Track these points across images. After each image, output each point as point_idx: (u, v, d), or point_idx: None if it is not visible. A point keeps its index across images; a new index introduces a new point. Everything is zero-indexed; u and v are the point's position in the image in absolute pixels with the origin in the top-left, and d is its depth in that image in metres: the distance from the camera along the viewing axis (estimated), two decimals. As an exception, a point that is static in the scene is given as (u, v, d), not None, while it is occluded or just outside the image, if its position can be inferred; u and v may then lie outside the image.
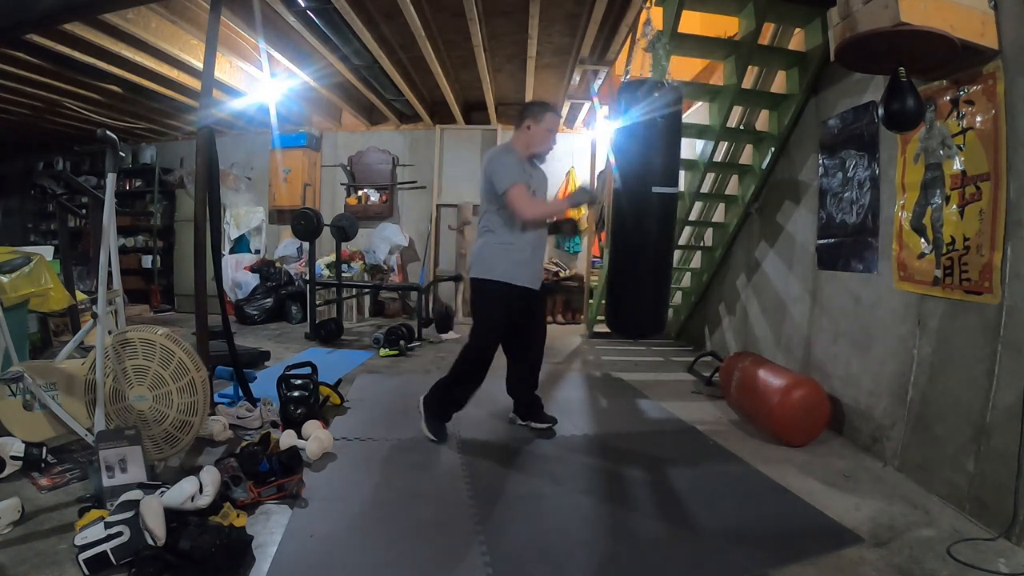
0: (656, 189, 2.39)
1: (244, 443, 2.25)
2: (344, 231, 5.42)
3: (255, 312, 5.81)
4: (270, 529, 1.74)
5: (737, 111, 3.60)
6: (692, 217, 4.11)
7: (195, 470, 1.84)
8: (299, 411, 2.54)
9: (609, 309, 2.67)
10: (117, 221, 2.18)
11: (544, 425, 2.69)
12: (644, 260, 2.49)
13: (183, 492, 1.64)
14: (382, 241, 6.35)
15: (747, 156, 3.79)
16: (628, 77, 2.69)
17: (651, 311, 2.55)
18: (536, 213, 2.39)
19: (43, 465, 2.07)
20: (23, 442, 2.07)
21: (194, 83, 4.69)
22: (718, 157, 3.75)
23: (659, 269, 2.55)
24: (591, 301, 5.39)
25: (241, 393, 2.84)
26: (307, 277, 5.31)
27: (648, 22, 2.59)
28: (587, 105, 5.74)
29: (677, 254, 4.58)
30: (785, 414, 2.54)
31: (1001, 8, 1.85)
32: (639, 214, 2.44)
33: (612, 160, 2.65)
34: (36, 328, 3.75)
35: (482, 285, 2.43)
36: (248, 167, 6.80)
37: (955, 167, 2.03)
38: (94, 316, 2.02)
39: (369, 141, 6.70)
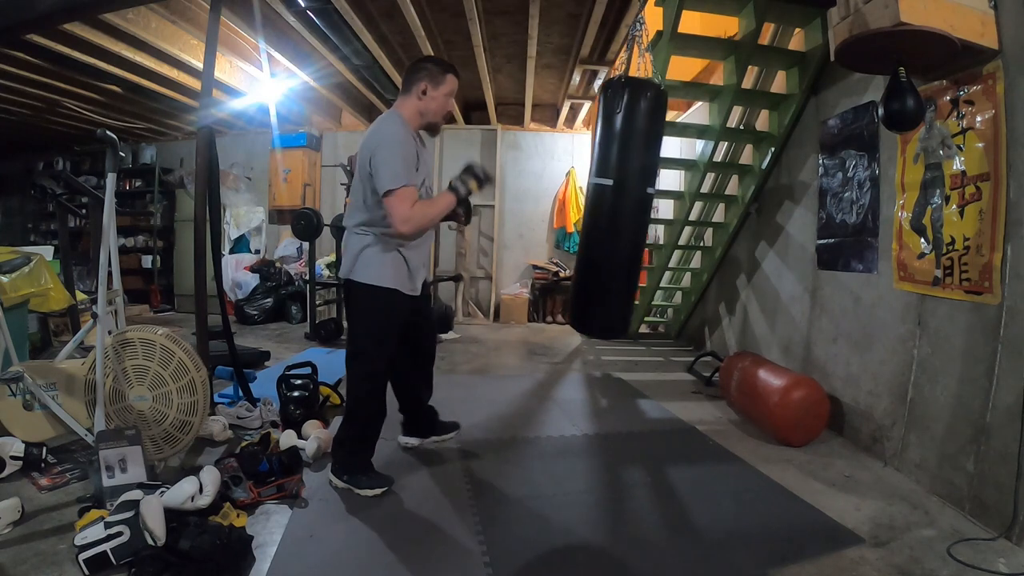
0: (593, 180, 2.55)
1: (244, 443, 2.26)
2: (344, 231, 5.41)
3: (255, 312, 5.81)
4: (270, 529, 1.74)
5: (737, 111, 3.60)
6: (692, 217, 4.10)
7: (195, 470, 1.84)
8: (299, 411, 2.54)
9: (574, 307, 2.77)
10: (117, 221, 2.18)
11: (449, 435, 2.44)
12: (605, 257, 2.60)
13: (183, 492, 1.64)
14: (382, 241, 6.34)
15: (747, 156, 3.79)
16: (608, 76, 2.81)
17: (615, 311, 2.65)
18: (417, 227, 1.87)
19: (43, 465, 2.07)
20: (23, 442, 2.08)
21: (194, 83, 4.69)
22: (718, 157, 3.75)
23: (626, 266, 2.64)
24: (591, 301, 5.38)
25: (241, 393, 2.84)
26: (307, 277, 5.31)
27: (636, 21, 2.59)
28: (587, 105, 5.74)
29: (677, 254, 4.58)
30: (785, 414, 2.54)
31: (1001, 8, 1.85)
32: (600, 210, 2.57)
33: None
34: (36, 328, 3.75)
35: (367, 292, 1.93)
36: (248, 167, 6.80)
37: (955, 167, 2.03)
38: (94, 316, 2.02)
39: (369, 141, 6.69)
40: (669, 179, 4.94)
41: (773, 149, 3.36)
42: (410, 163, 1.86)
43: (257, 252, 6.77)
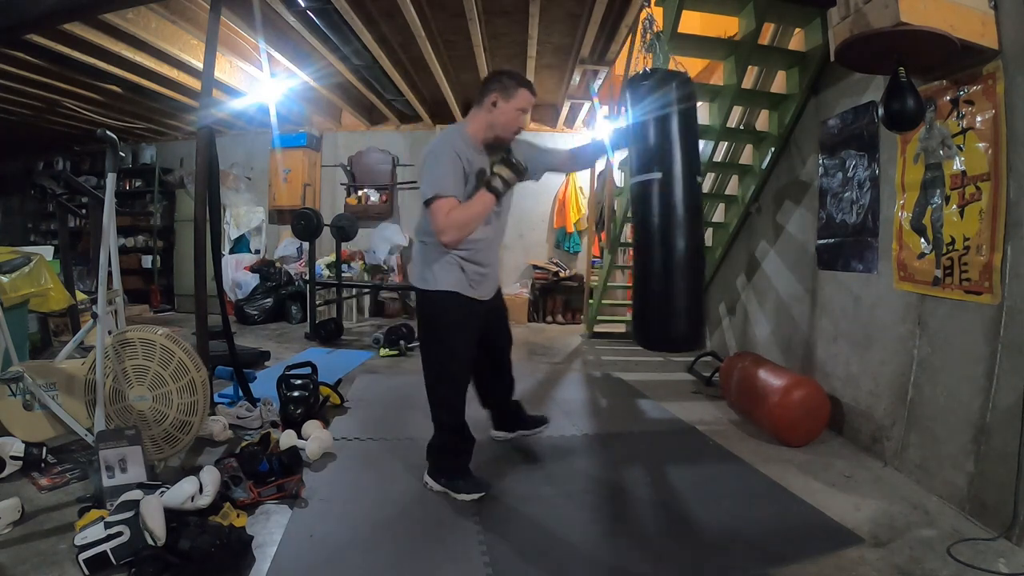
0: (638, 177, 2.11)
1: (244, 443, 2.26)
2: (344, 231, 5.42)
3: (255, 312, 5.81)
4: (270, 529, 1.74)
5: (737, 111, 3.60)
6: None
7: (195, 470, 1.84)
8: (299, 411, 2.54)
9: (637, 321, 2.23)
10: (117, 221, 2.18)
11: (539, 428, 2.45)
12: (675, 258, 2.08)
13: (183, 492, 1.65)
14: (382, 241, 6.35)
15: (747, 156, 3.79)
16: (631, 71, 2.53)
17: (685, 319, 2.10)
18: (459, 233, 1.80)
19: (43, 465, 2.07)
20: (23, 442, 2.08)
21: (194, 83, 4.69)
22: (718, 157, 3.74)
23: (692, 268, 2.13)
24: (591, 301, 5.38)
25: (241, 393, 2.84)
26: (307, 277, 5.31)
27: (650, 19, 2.55)
28: (587, 105, 5.74)
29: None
30: (785, 414, 2.54)
31: (1001, 8, 1.85)
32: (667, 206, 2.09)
33: (612, 158, 2.56)
34: (36, 328, 3.75)
35: (430, 298, 1.95)
36: (248, 167, 6.80)
37: (955, 167, 2.03)
38: (94, 316, 2.02)
39: (369, 141, 6.70)
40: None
41: (773, 149, 3.36)
42: (451, 174, 1.81)
43: (257, 252, 6.78)
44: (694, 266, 2.14)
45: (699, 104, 3.74)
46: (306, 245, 5.43)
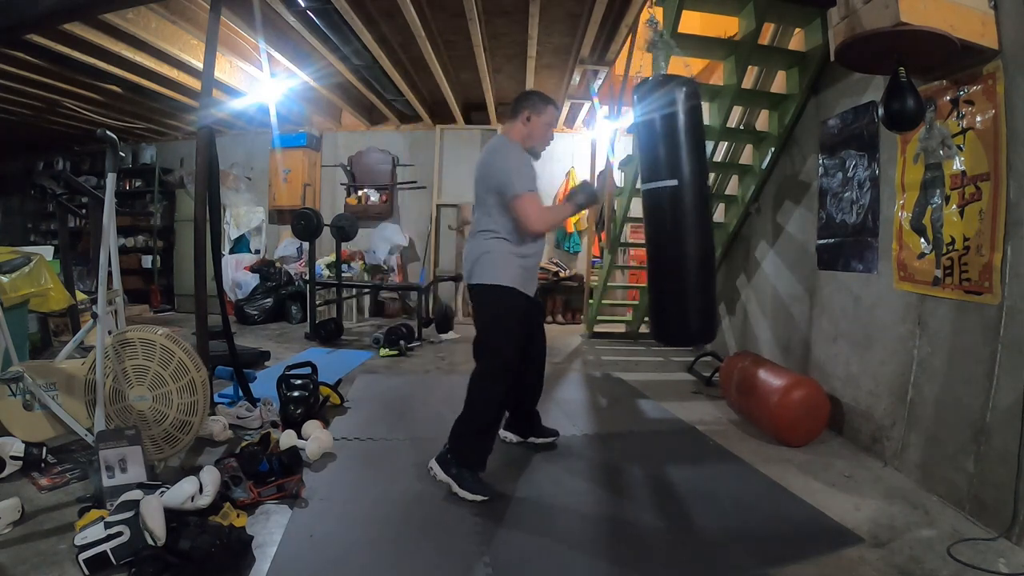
0: (647, 186, 2.29)
1: (244, 443, 2.26)
2: (344, 231, 5.42)
3: (255, 312, 5.81)
4: (270, 529, 1.74)
5: (737, 111, 3.60)
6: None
7: (195, 470, 1.84)
8: (299, 411, 2.54)
9: (655, 318, 2.41)
10: (117, 221, 2.18)
11: (548, 439, 2.53)
12: (687, 259, 2.25)
13: (183, 492, 1.64)
14: (382, 241, 6.35)
15: (747, 156, 3.79)
16: (630, 74, 2.60)
17: (698, 314, 2.28)
18: (546, 227, 2.11)
19: (43, 465, 2.07)
20: (23, 442, 2.08)
21: (194, 83, 4.69)
22: (718, 157, 3.75)
23: (703, 267, 2.29)
24: (591, 301, 5.39)
25: (241, 393, 2.84)
26: (307, 277, 5.31)
27: (652, 19, 2.55)
28: (587, 105, 5.74)
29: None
30: (785, 414, 2.54)
31: (1001, 8, 1.85)
32: (675, 211, 2.25)
33: (611, 159, 2.59)
34: (36, 328, 3.75)
35: (496, 292, 2.09)
36: (248, 167, 6.80)
37: (955, 167, 2.03)
38: (94, 316, 2.02)
39: (369, 141, 6.70)
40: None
41: (773, 149, 3.36)
42: (531, 174, 2.08)
43: (257, 252, 6.78)
44: (707, 265, 2.30)
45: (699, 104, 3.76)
46: (306, 245, 5.43)
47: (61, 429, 2.12)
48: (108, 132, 2.00)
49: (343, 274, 5.76)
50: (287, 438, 2.27)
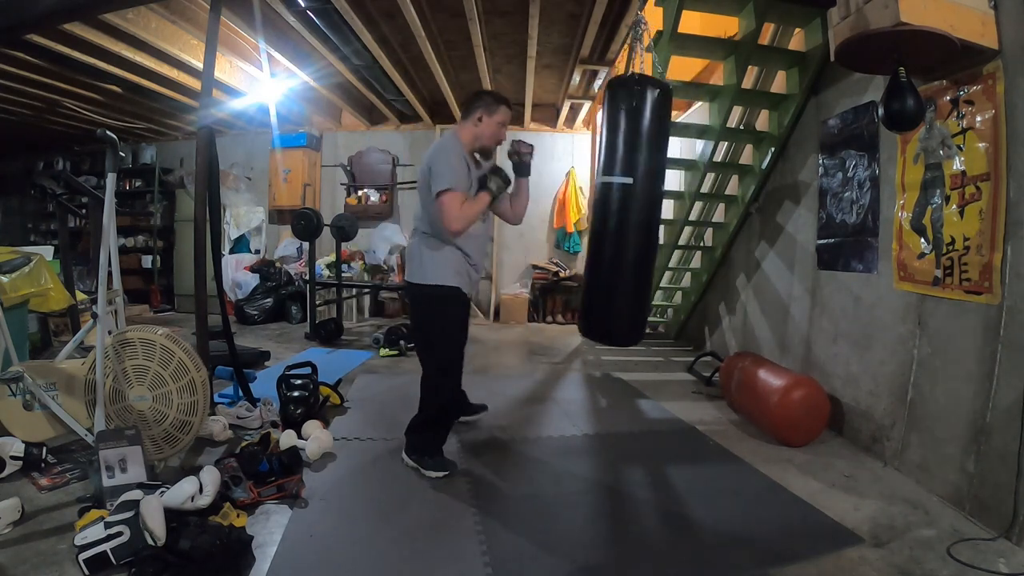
0: (605, 178, 2.44)
1: (244, 443, 2.26)
2: (344, 231, 5.42)
3: (255, 312, 5.81)
4: (270, 529, 1.74)
5: (737, 111, 3.60)
6: (692, 217, 4.10)
7: (195, 470, 1.84)
8: (299, 411, 2.54)
9: (582, 311, 2.63)
10: (117, 221, 2.18)
11: (475, 416, 2.75)
12: (621, 259, 2.45)
13: (183, 492, 1.65)
14: (382, 241, 6.35)
15: (747, 156, 3.79)
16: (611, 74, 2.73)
17: (627, 317, 2.50)
18: (464, 224, 2.06)
19: (43, 465, 2.07)
20: (23, 442, 2.08)
21: (194, 83, 4.69)
22: (718, 157, 3.74)
23: (638, 269, 2.50)
24: (591, 301, 5.38)
25: (241, 393, 2.84)
26: (307, 277, 5.31)
27: (637, 21, 2.58)
28: (587, 105, 5.74)
29: (677, 254, 4.58)
30: (785, 414, 2.54)
31: (1001, 8, 1.85)
32: (613, 207, 2.47)
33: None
34: (36, 328, 3.75)
35: (433, 291, 2.14)
36: (248, 167, 6.80)
37: (955, 167, 2.03)
38: (94, 316, 2.03)
39: (369, 141, 6.70)
40: (669, 179, 4.90)
41: (773, 149, 3.36)
42: (460, 172, 2.09)
43: (257, 252, 6.77)
44: (640, 269, 2.48)
45: (699, 104, 3.79)
46: (306, 245, 5.43)
47: (61, 429, 2.13)
48: (108, 132, 2.00)
49: (343, 274, 5.76)
50: (287, 438, 2.27)
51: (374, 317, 6.39)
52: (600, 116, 2.53)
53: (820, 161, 2.97)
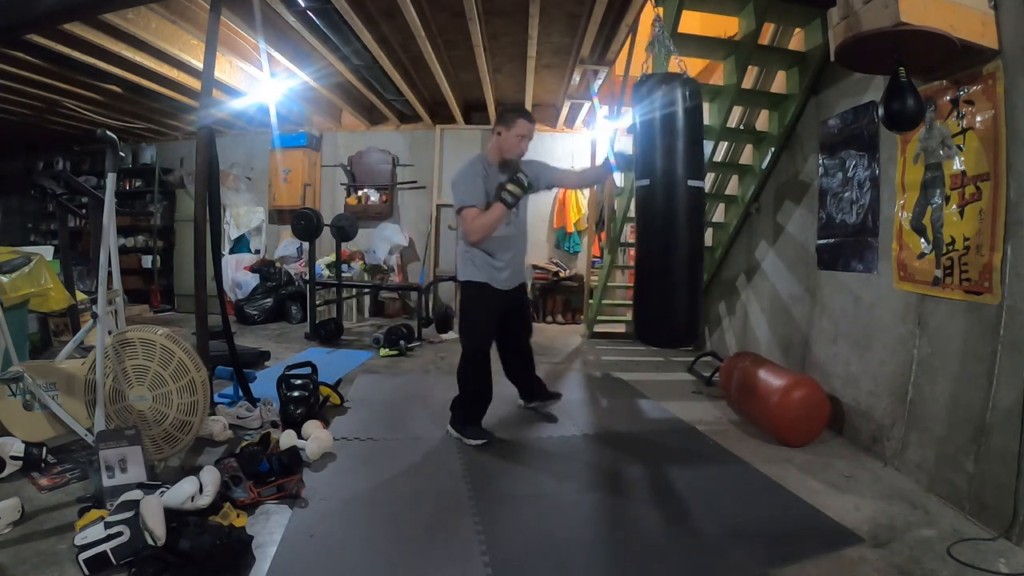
0: (691, 183, 2.15)
1: (244, 443, 2.26)
2: (344, 231, 5.42)
3: (255, 312, 5.81)
4: (270, 529, 1.74)
5: (737, 111, 3.60)
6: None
7: (195, 470, 1.84)
8: (299, 411, 2.54)
9: (638, 317, 2.35)
10: (117, 221, 2.18)
11: (549, 402, 2.95)
12: (677, 261, 2.18)
13: (183, 492, 1.65)
14: (382, 241, 6.35)
15: (747, 156, 3.79)
16: (630, 74, 2.62)
17: (685, 317, 2.23)
18: (482, 234, 2.36)
19: (43, 465, 2.07)
20: (23, 442, 2.08)
21: (194, 83, 4.69)
22: (718, 157, 3.75)
23: (692, 270, 2.24)
24: (591, 301, 5.38)
25: (241, 393, 2.84)
26: (307, 277, 5.31)
27: (658, 19, 2.53)
28: (587, 105, 5.74)
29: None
30: (785, 414, 2.54)
31: (1001, 8, 1.85)
32: (669, 211, 2.17)
33: (612, 159, 2.58)
34: (36, 328, 3.75)
35: (465, 286, 2.55)
36: (248, 167, 6.80)
37: (955, 167, 2.03)
38: (94, 316, 2.02)
39: (369, 141, 6.70)
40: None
41: (773, 149, 3.36)
42: (474, 189, 2.38)
43: (257, 252, 6.77)
44: (692, 268, 2.23)
45: (699, 104, 3.78)
46: (306, 245, 5.43)
47: (61, 429, 2.12)
48: (108, 132, 2.00)
49: (343, 274, 5.76)
50: (287, 438, 2.27)
51: (374, 317, 6.39)
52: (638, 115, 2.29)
53: (820, 161, 2.97)
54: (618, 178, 5.14)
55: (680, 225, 2.14)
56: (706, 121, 3.43)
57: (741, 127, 3.69)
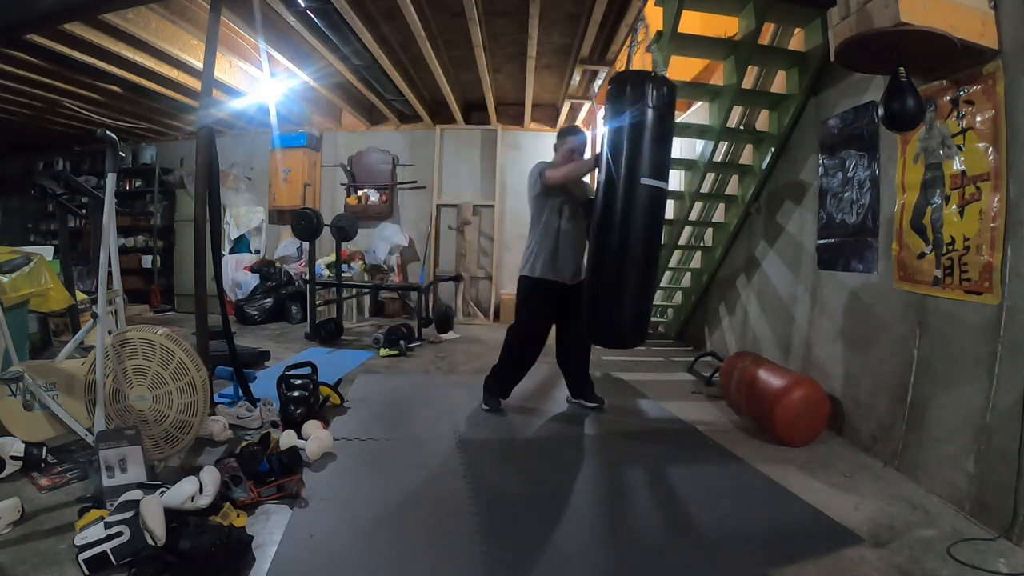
0: (644, 181, 2.36)
1: (244, 443, 2.26)
2: (344, 231, 5.42)
3: (255, 312, 5.81)
4: (270, 529, 1.74)
5: (737, 111, 3.60)
6: (692, 217, 4.10)
7: (195, 470, 1.84)
8: (299, 411, 2.54)
9: (587, 316, 2.54)
10: (117, 221, 2.18)
11: (592, 405, 3.04)
12: (629, 261, 2.39)
13: (183, 492, 1.64)
14: (382, 241, 6.35)
15: (747, 156, 3.79)
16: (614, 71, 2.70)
17: (633, 319, 2.45)
18: (560, 177, 2.73)
19: (43, 465, 2.07)
20: (23, 442, 2.07)
21: (194, 83, 4.69)
22: (718, 157, 3.75)
23: (645, 271, 2.46)
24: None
25: (241, 393, 2.84)
26: (307, 277, 5.31)
27: (639, 19, 2.58)
28: (587, 105, 5.74)
29: (677, 254, 4.58)
30: (785, 414, 2.53)
31: (1001, 8, 1.85)
32: (624, 209, 2.38)
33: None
34: (36, 328, 3.75)
35: (519, 280, 2.96)
36: (248, 167, 6.80)
37: (955, 167, 2.03)
38: (94, 316, 2.02)
39: (369, 141, 6.70)
40: (670, 179, 4.93)
41: (773, 149, 3.36)
42: (548, 165, 2.83)
43: (257, 252, 6.77)
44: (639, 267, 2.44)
45: (699, 104, 3.80)
46: (306, 245, 5.43)
47: (61, 429, 2.12)
48: (108, 132, 2.00)
49: (343, 274, 5.76)
50: (287, 438, 2.27)
51: (374, 317, 6.39)
52: (607, 113, 2.45)
53: (820, 161, 2.97)
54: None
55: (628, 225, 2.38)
56: (706, 121, 3.44)
57: (741, 127, 3.69)
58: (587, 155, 2.85)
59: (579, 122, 6.38)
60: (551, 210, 2.82)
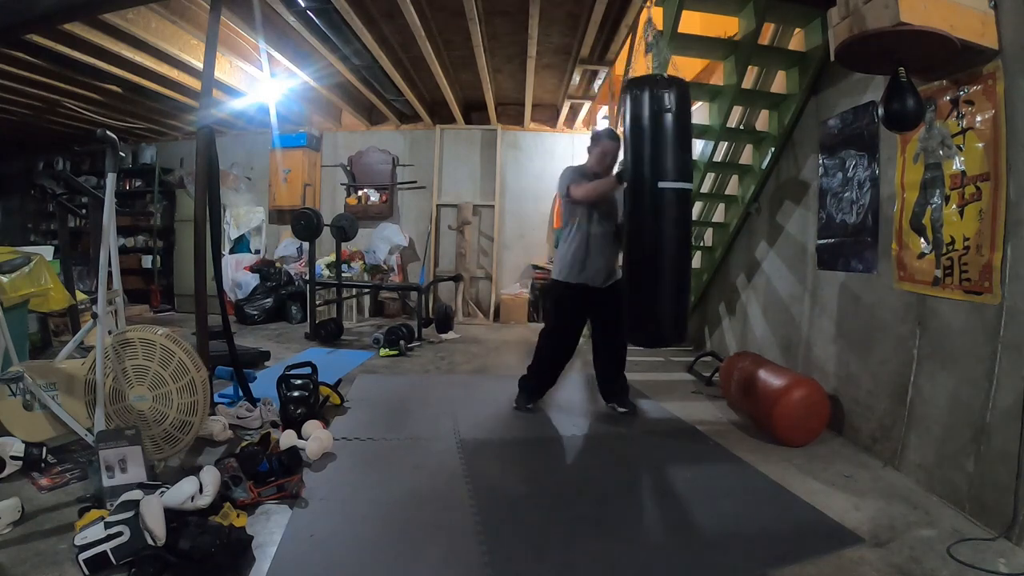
0: (662, 184, 2.36)
1: (244, 443, 2.26)
2: (344, 231, 5.42)
3: (255, 312, 5.81)
4: (270, 529, 1.74)
5: (737, 111, 3.60)
6: (692, 217, 4.10)
7: (195, 470, 1.84)
8: (299, 411, 2.54)
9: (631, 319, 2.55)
10: (117, 221, 2.18)
11: (623, 410, 3.00)
12: (661, 262, 2.40)
13: (183, 492, 1.65)
14: (382, 241, 6.35)
15: (747, 156, 3.79)
16: (630, 74, 2.69)
17: (672, 317, 2.45)
18: (582, 193, 2.78)
19: (43, 465, 2.07)
20: (23, 442, 2.08)
21: (194, 83, 4.69)
22: (718, 157, 3.74)
23: (679, 271, 2.47)
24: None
25: (241, 393, 2.84)
26: (307, 277, 5.31)
27: (649, 21, 2.57)
28: (587, 105, 5.74)
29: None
30: (785, 414, 2.53)
31: (1001, 8, 1.85)
32: (653, 212, 2.40)
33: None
34: (36, 328, 3.75)
35: (552, 284, 3.04)
36: (248, 167, 6.80)
37: (955, 167, 2.03)
38: (94, 316, 2.02)
39: (369, 141, 6.70)
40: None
41: (773, 149, 3.36)
42: (578, 179, 2.86)
43: (257, 252, 6.78)
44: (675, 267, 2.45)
45: (699, 104, 3.80)
46: (306, 245, 5.43)
47: (61, 429, 2.12)
48: (108, 132, 2.00)
49: (343, 274, 5.76)
50: (287, 438, 2.27)
51: (374, 317, 6.39)
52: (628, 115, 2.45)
53: (820, 161, 2.97)
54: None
55: (656, 226, 2.40)
56: (706, 121, 3.43)
57: (741, 127, 3.69)
58: (620, 157, 2.82)
59: (579, 122, 6.39)
60: (581, 215, 2.86)
